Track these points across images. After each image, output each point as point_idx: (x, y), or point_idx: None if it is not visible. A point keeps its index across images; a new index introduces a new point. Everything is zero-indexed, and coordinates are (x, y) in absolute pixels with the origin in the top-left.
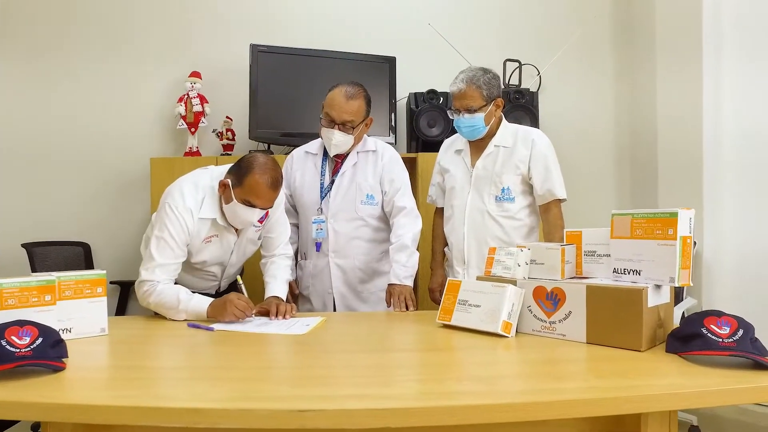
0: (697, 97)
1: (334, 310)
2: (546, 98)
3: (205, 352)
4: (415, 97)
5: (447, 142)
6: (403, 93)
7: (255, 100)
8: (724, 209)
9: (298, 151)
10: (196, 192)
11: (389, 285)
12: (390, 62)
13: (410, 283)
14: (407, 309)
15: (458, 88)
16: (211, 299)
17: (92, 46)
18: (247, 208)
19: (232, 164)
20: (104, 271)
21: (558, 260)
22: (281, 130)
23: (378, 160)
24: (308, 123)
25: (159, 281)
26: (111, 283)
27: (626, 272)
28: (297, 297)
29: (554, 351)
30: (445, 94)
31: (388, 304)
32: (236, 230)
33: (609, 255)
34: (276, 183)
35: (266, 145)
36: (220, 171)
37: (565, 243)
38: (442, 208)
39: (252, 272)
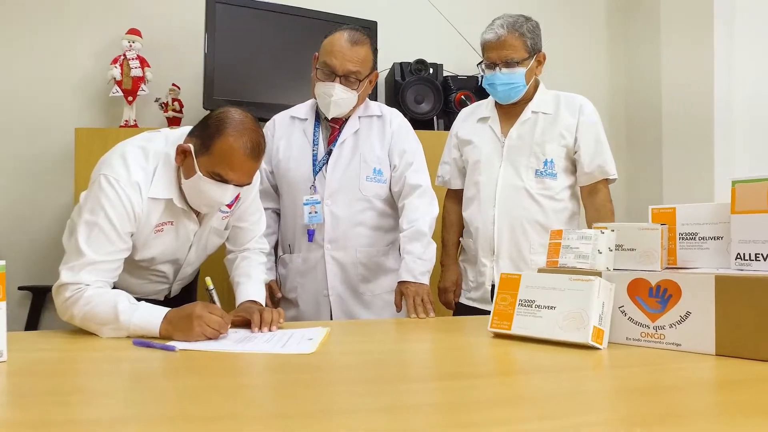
0: (708, 62)
1: (331, 317)
2: None
3: (153, 390)
4: (401, 68)
5: (465, 111)
6: (385, 63)
7: (211, 62)
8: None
9: (280, 116)
10: (145, 160)
11: (401, 283)
12: (371, 27)
13: (427, 280)
14: (426, 315)
15: (496, 35)
16: (164, 310)
17: None
18: (217, 183)
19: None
20: (2, 262)
21: (657, 244)
22: (243, 99)
23: (386, 127)
24: (274, 92)
25: (89, 285)
26: (20, 288)
27: (759, 258)
28: (279, 302)
29: (676, 369)
30: (435, 66)
31: (399, 308)
32: (197, 216)
33: (719, 237)
34: (257, 149)
35: None
36: (178, 134)
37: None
38: (456, 190)
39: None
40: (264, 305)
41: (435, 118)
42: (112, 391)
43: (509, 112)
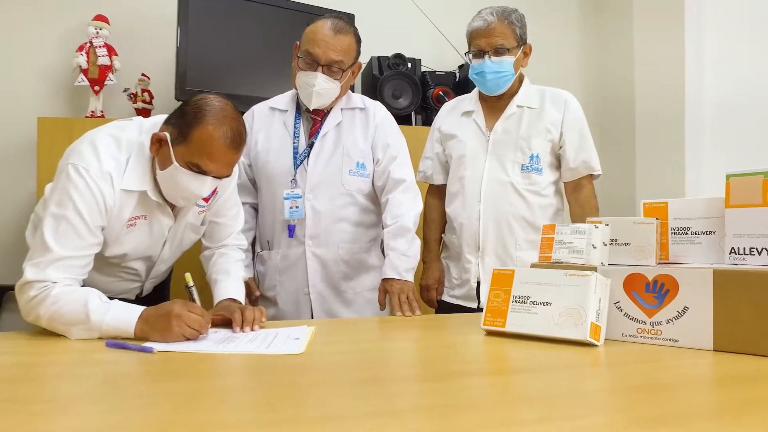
0: (679, 59)
1: (311, 316)
2: None
3: (134, 395)
4: (379, 62)
5: (448, 105)
6: (363, 57)
7: (184, 51)
8: (707, 174)
9: (259, 107)
10: (117, 150)
11: (385, 280)
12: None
13: (411, 277)
14: (412, 313)
15: (486, 22)
16: (140, 308)
17: None
18: (194, 175)
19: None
20: None
21: (652, 238)
22: (218, 91)
23: (369, 120)
24: (250, 84)
25: (56, 282)
26: None
27: (753, 252)
28: (256, 301)
29: (675, 366)
30: (413, 60)
31: (383, 306)
32: (172, 209)
33: (711, 232)
34: (238, 139)
35: None
36: (153, 122)
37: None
38: (439, 186)
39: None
40: (243, 303)
41: (413, 113)
42: (89, 397)
43: (493, 106)
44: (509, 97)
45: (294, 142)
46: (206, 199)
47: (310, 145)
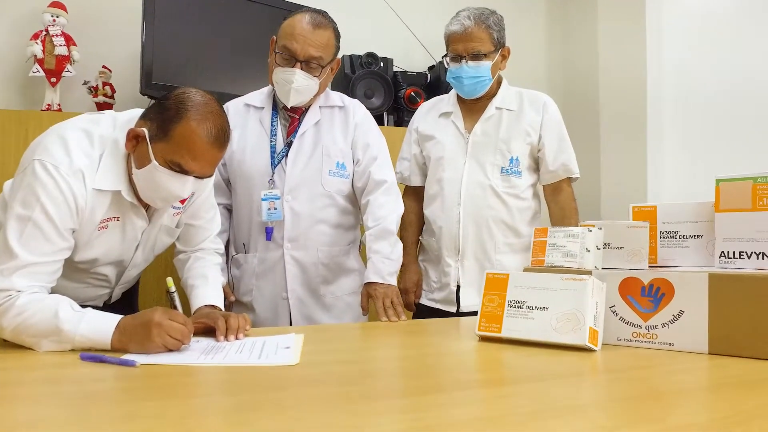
0: (641, 58)
1: (290, 322)
2: None
3: (113, 418)
4: (351, 61)
5: (425, 105)
6: None
7: (150, 43)
8: (667, 171)
9: (234, 104)
10: (90, 145)
11: (368, 284)
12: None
13: (395, 281)
14: (398, 318)
15: (463, 26)
16: (116, 317)
17: None
18: (175, 174)
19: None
20: None
21: (644, 242)
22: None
23: (348, 119)
24: (221, 80)
25: (21, 290)
26: None
27: (743, 256)
28: (231, 306)
29: (677, 371)
30: (386, 60)
31: (366, 311)
32: (146, 210)
33: (699, 236)
34: (222, 135)
35: None
36: (128, 117)
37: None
38: (416, 187)
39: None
40: (223, 310)
41: (385, 113)
42: (64, 420)
43: (472, 108)
44: (488, 99)
45: (271, 141)
46: (182, 201)
47: (289, 144)
